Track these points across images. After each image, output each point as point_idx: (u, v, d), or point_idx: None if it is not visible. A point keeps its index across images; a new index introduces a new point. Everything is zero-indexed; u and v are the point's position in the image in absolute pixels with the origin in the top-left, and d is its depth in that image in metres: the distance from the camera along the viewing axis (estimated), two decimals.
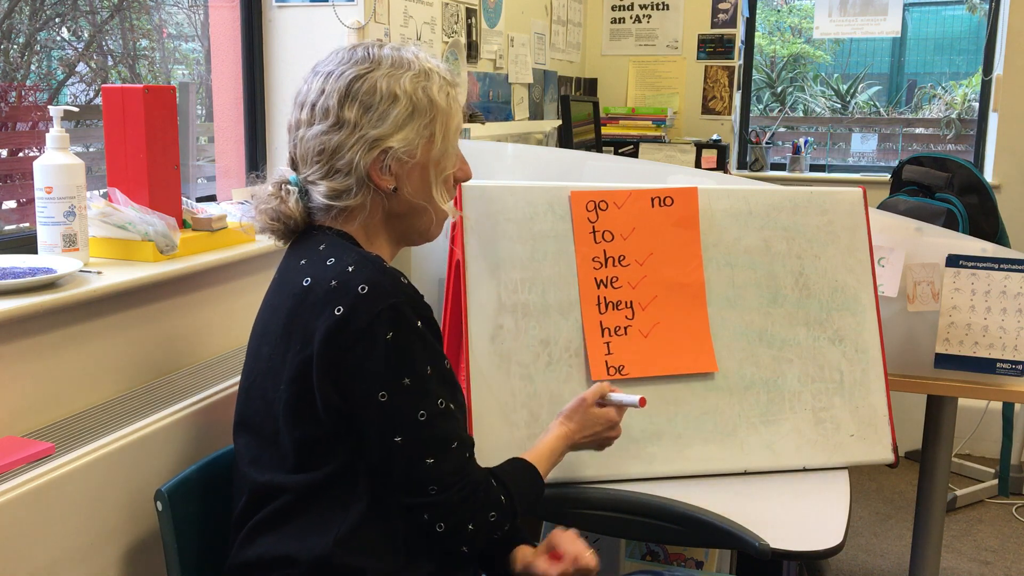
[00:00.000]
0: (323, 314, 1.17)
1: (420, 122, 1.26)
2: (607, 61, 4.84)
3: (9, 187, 2.02)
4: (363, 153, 1.24)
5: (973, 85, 6.35)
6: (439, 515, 1.21)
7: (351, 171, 1.25)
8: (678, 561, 2.18)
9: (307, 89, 1.28)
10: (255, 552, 1.25)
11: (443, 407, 1.20)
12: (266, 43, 2.54)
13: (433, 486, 1.19)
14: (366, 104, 1.24)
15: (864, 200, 1.81)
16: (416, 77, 1.26)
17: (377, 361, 1.15)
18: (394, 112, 1.24)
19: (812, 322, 1.74)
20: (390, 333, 1.15)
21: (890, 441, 1.73)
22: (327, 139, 1.25)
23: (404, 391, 1.17)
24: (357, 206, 1.27)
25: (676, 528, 1.52)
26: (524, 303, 1.65)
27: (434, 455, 1.19)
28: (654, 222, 1.72)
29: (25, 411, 1.39)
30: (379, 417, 1.17)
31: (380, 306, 1.15)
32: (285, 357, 1.21)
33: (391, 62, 1.26)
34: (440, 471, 1.19)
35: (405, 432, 1.17)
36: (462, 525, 1.22)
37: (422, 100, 1.26)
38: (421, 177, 1.29)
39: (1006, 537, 3.04)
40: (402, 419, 1.17)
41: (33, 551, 1.21)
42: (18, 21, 2.03)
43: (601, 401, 1.46)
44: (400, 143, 1.25)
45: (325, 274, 1.20)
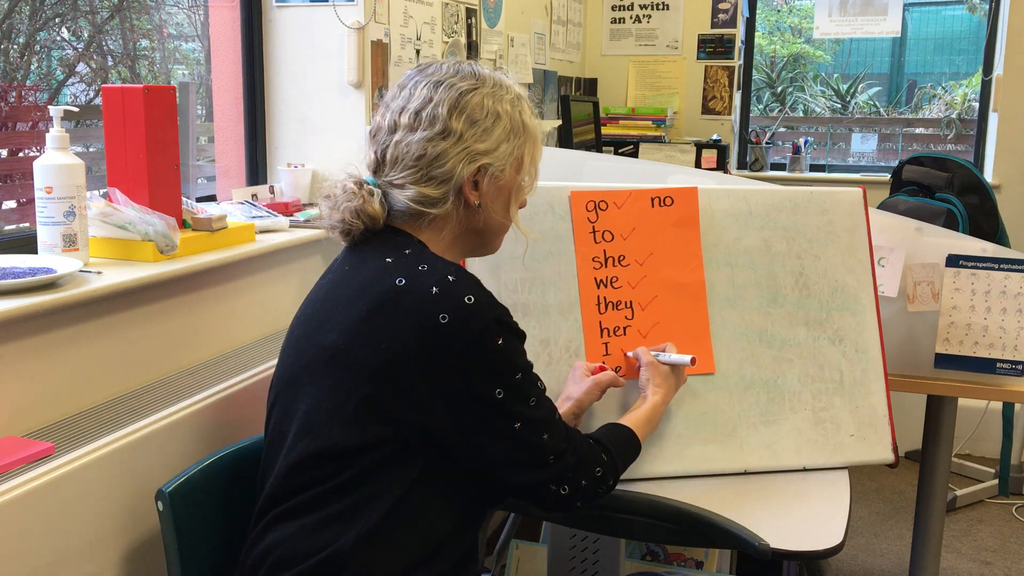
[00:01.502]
0: (423, 319, 1.20)
1: (514, 144, 1.32)
2: (607, 61, 4.84)
3: (9, 187, 2.02)
4: (464, 165, 1.28)
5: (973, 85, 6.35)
6: (562, 480, 1.30)
7: (447, 180, 1.28)
8: (678, 561, 2.18)
9: (408, 95, 1.31)
10: (275, 538, 1.25)
11: (542, 388, 1.31)
12: (266, 43, 2.54)
13: (551, 455, 1.28)
14: (472, 119, 1.28)
15: (864, 200, 1.81)
16: (514, 100, 1.33)
17: (491, 365, 1.23)
18: (497, 131, 1.30)
19: (812, 322, 1.74)
20: (500, 339, 1.23)
21: (890, 441, 1.73)
22: (431, 146, 1.27)
23: (517, 385, 1.25)
24: (441, 216, 1.31)
25: (676, 528, 1.52)
26: (524, 303, 1.65)
27: (547, 431, 1.29)
28: (654, 222, 1.72)
29: (25, 411, 1.39)
30: (498, 412, 1.24)
31: (489, 317, 1.22)
32: (363, 350, 1.21)
33: (493, 82, 1.32)
34: (554, 442, 1.29)
35: (524, 419, 1.26)
36: (578, 483, 1.32)
37: (518, 123, 1.32)
38: (503, 197, 1.34)
39: (1006, 537, 3.05)
40: (520, 409, 1.25)
41: (33, 551, 1.21)
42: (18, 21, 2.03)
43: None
44: (496, 161, 1.30)
45: (421, 279, 1.22)
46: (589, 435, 1.40)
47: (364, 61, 2.49)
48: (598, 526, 1.64)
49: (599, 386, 1.53)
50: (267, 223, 2.07)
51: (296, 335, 1.33)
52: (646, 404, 1.53)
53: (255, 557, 1.26)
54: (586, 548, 2.10)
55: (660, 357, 1.58)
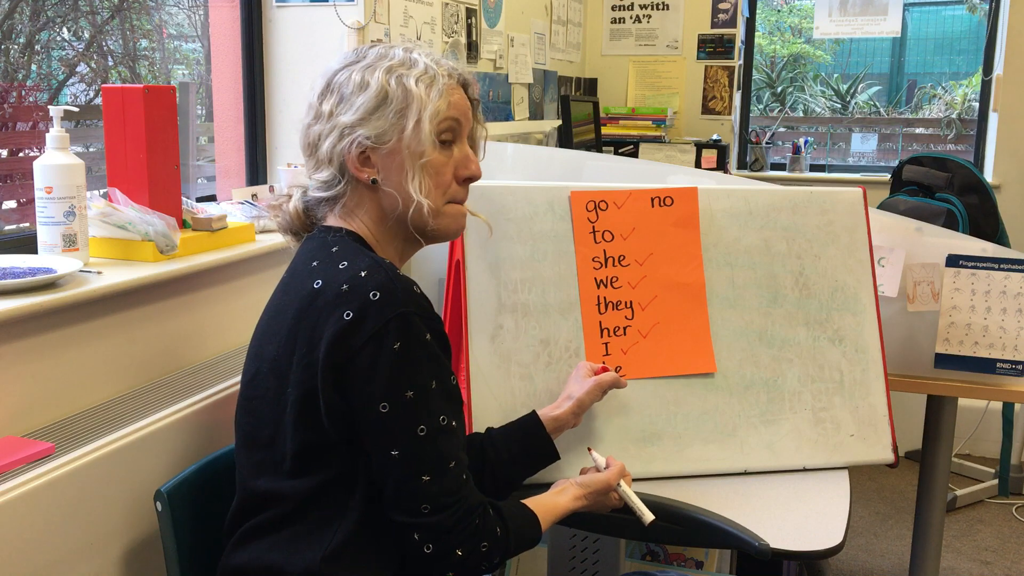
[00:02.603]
0: (332, 317, 1.16)
1: (390, 109, 1.24)
2: (607, 61, 4.84)
3: (9, 187, 2.02)
4: (335, 140, 1.26)
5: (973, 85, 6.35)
6: (429, 536, 1.17)
7: (330, 160, 1.27)
8: (678, 561, 2.18)
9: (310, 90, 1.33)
10: (245, 557, 1.24)
11: (444, 424, 1.17)
12: (266, 43, 2.54)
13: (426, 505, 1.16)
14: (340, 95, 1.27)
15: (864, 200, 1.81)
16: (393, 67, 1.25)
17: (381, 371, 1.13)
18: (361, 100, 1.24)
19: (812, 322, 1.74)
20: (398, 343, 1.13)
21: (890, 441, 1.73)
22: (309, 132, 1.29)
23: (406, 404, 1.14)
24: (349, 200, 1.29)
25: (676, 528, 1.52)
26: (524, 303, 1.65)
27: (430, 473, 1.16)
28: (654, 222, 1.72)
29: (25, 411, 1.39)
30: (378, 428, 1.15)
31: (390, 314, 1.14)
32: (291, 359, 1.20)
33: (376, 55, 1.28)
34: (435, 490, 1.16)
35: (403, 446, 1.15)
36: (451, 549, 1.17)
37: (394, 89, 1.24)
38: (398, 167, 1.25)
39: (1006, 537, 3.05)
40: (401, 433, 1.15)
41: (33, 551, 1.21)
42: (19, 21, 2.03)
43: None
44: (370, 130, 1.24)
45: (336, 277, 1.19)
46: (492, 503, 1.25)
47: None
48: (598, 526, 1.64)
49: (601, 387, 1.52)
50: (267, 223, 2.07)
51: (250, 349, 1.33)
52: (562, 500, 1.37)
53: (229, 573, 1.26)
54: (586, 548, 2.10)
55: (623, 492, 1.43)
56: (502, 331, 1.64)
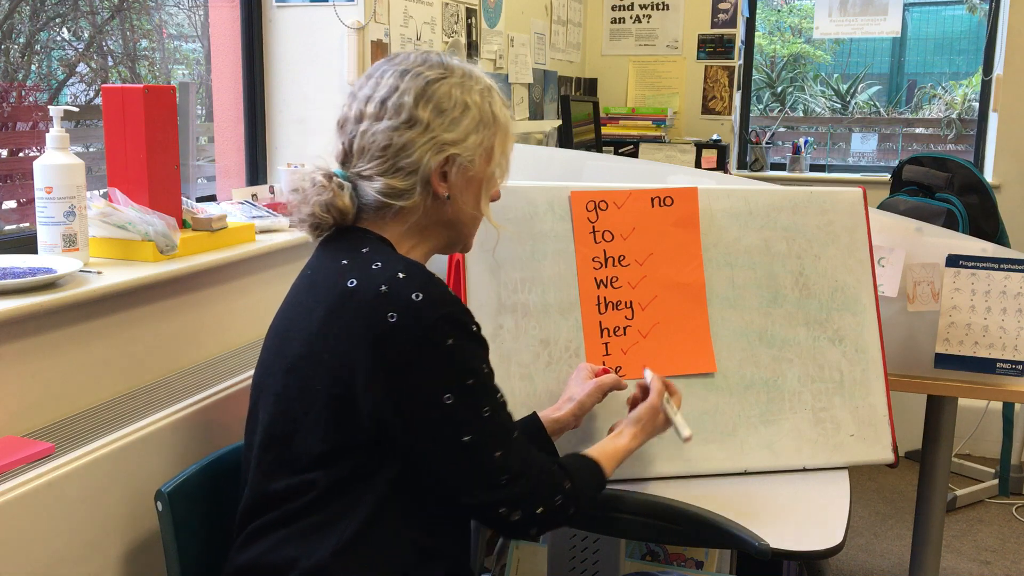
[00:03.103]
0: (373, 319, 1.16)
1: (484, 135, 1.29)
2: (607, 61, 4.84)
3: (9, 187, 2.02)
4: (431, 155, 1.25)
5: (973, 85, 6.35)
6: (514, 505, 1.22)
7: (414, 171, 1.25)
8: (678, 561, 2.18)
9: (375, 84, 1.28)
10: (254, 553, 1.24)
11: (501, 400, 1.24)
12: (266, 43, 2.54)
13: (504, 476, 1.21)
14: (440, 108, 1.25)
15: (864, 200, 1.81)
16: (483, 91, 1.30)
17: (439, 366, 1.17)
18: (465, 121, 1.26)
19: (812, 322, 1.74)
20: (450, 339, 1.17)
21: (890, 441, 1.73)
22: (396, 135, 1.24)
23: (469, 391, 1.18)
24: (409, 208, 1.27)
25: (676, 528, 1.52)
26: (524, 303, 1.65)
27: (501, 447, 1.21)
28: (654, 222, 1.72)
29: (25, 411, 1.39)
30: (446, 419, 1.18)
31: (437, 314, 1.17)
32: (321, 357, 1.20)
33: (462, 73, 1.29)
34: (508, 462, 1.21)
35: (474, 431, 1.19)
36: (533, 510, 1.23)
37: (488, 114, 1.29)
38: (473, 189, 1.30)
39: (1006, 537, 3.05)
40: (470, 418, 1.19)
41: (33, 551, 1.21)
42: (19, 21, 2.03)
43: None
44: (465, 152, 1.27)
45: (373, 278, 1.19)
46: (554, 459, 1.32)
47: (364, 61, 2.49)
48: (598, 526, 1.64)
49: (601, 389, 1.52)
50: (267, 223, 2.07)
51: (267, 345, 1.32)
52: (623, 442, 1.44)
53: (238, 570, 1.25)
54: (586, 548, 2.10)
55: (666, 407, 1.50)
56: (502, 331, 1.64)
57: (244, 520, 1.27)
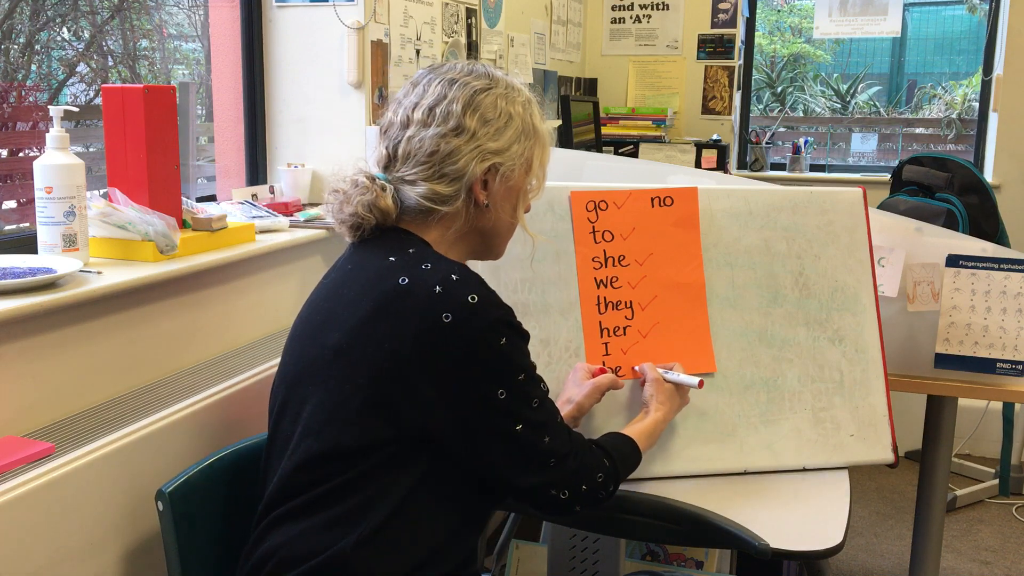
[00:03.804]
0: (428, 318, 1.19)
1: (525, 145, 1.32)
2: (607, 61, 4.84)
3: (9, 187, 2.02)
4: (476, 163, 1.28)
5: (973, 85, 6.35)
6: (562, 484, 1.29)
7: (459, 178, 1.28)
8: (678, 561, 2.18)
9: (422, 91, 1.31)
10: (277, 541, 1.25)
11: (545, 389, 1.30)
12: (266, 43, 2.54)
13: (552, 458, 1.28)
14: (485, 118, 1.29)
15: (864, 200, 1.81)
16: (525, 103, 1.34)
17: (494, 365, 1.22)
18: (509, 132, 1.30)
19: (812, 322, 1.74)
20: (503, 339, 1.22)
21: (890, 441, 1.73)
22: (444, 142, 1.27)
23: (520, 386, 1.25)
24: (451, 214, 1.30)
25: (676, 528, 1.52)
26: (524, 303, 1.65)
27: (549, 433, 1.28)
28: (654, 222, 1.72)
29: (25, 411, 1.39)
30: (500, 413, 1.23)
31: (491, 317, 1.22)
32: (365, 350, 1.21)
33: (506, 84, 1.33)
34: (555, 445, 1.28)
35: (525, 420, 1.25)
36: (578, 487, 1.31)
37: (529, 125, 1.33)
38: (511, 199, 1.34)
39: (1006, 537, 3.05)
40: (522, 410, 1.25)
41: (33, 551, 1.21)
42: (19, 21, 2.03)
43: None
44: (507, 161, 1.30)
45: (426, 278, 1.22)
46: (592, 440, 1.39)
47: (364, 61, 2.49)
48: (598, 526, 1.64)
49: (599, 389, 1.53)
50: (267, 223, 2.07)
51: (299, 335, 1.33)
52: (648, 418, 1.51)
53: (257, 558, 1.26)
54: (586, 548, 2.10)
55: (667, 376, 1.57)
56: None
57: (269, 507, 1.28)
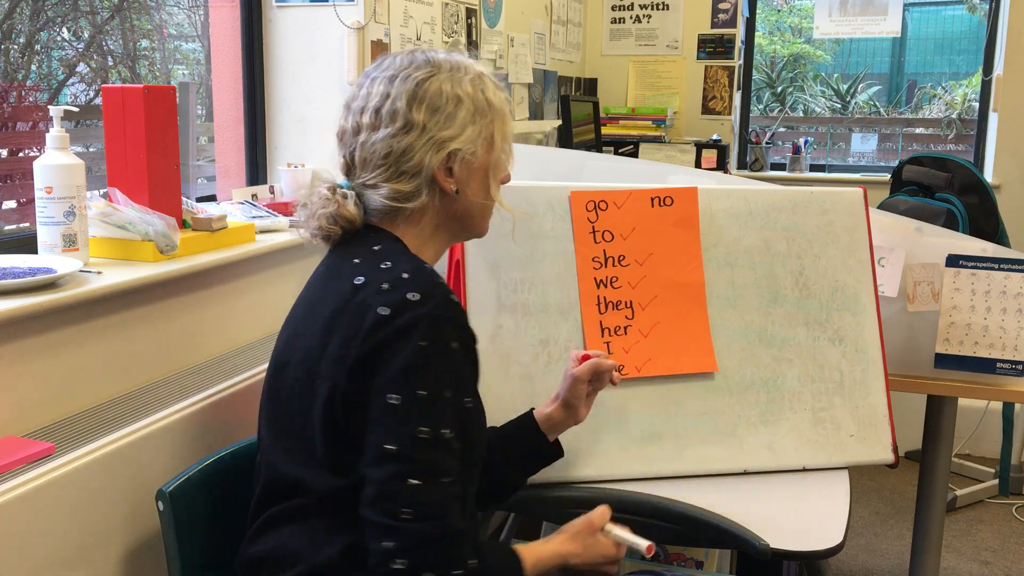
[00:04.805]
0: (370, 312, 1.17)
1: (482, 123, 1.29)
2: (607, 61, 4.84)
3: (9, 187, 2.02)
4: (432, 155, 1.25)
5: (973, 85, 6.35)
6: (404, 545, 1.11)
7: (418, 173, 1.26)
8: (678, 561, 2.18)
9: (367, 94, 1.29)
10: (269, 545, 1.24)
11: (449, 437, 1.15)
12: (266, 43, 2.54)
13: (408, 510, 1.11)
14: (433, 106, 1.25)
15: (864, 200, 1.81)
16: (474, 80, 1.29)
17: (401, 362, 1.15)
18: (460, 114, 1.27)
19: (812, 322, 1.74)
20: (424, 341, 1.15)
21: (890, 441, 1.73)
22: (395, 142, 1.25)
23: (416, 402, 1.14)
24: (418, 209, 1.28)
25: (676, 528, 1.52)
26: (524, 303, 1.65)
27: (421, 478, 1.12)
28: (654, 222, 1.72)
29: (25, 411, 1.39)
30: (383, 418, 1.14)
31: (422, 314, 1.16)
32: (324, 352, 1.20)
33: (450, 66, 1.29)
34: (422, 498, 1.12)
35: (401, 443, 1.13)
36: (422, 567, 1.11)
37: (482, 102, 1.29)
38: (481, 178, 1.31)
39: (1006, 537, 3.04)
40: (403, 429, 1.13)
41: (33, 551, 1.21)
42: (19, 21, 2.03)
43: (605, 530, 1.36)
44: (465, 144, 1.27)
45: (379, 276, 1.20)
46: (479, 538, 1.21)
47: (364, 61, 2.49)
48: None
49: (579, 379, 1.46)
50: (267, 223, 2.07)
51: (281, 338, 1.33)
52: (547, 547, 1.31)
53: (251, 560, 1.26)
54: None
55: (614, 533, 1.35)
56: (502, 331, 1.64)
57: (260, 507, 1.28)
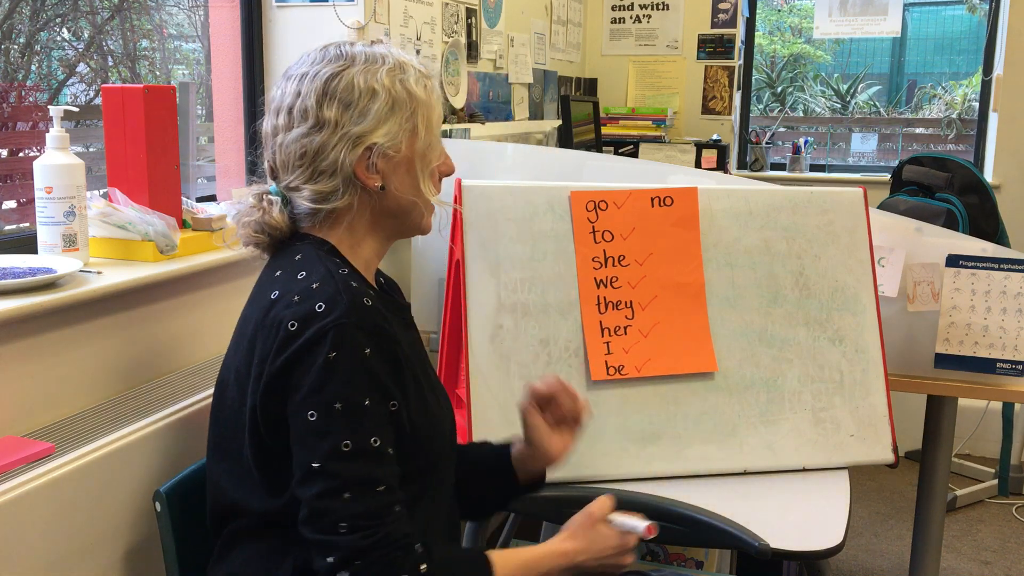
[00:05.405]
0: (281, 327, 1.14)
1: (402, 115, 1.22)
2: (607, 61, 4.84)
3: (9, 187, 2.02)
4: (347, 151, 1.20)
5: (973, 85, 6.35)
6: (344, 557, 1.08)
7: (336, 171, 1.21)
8: (678, 561, 2.18)
9: (281, 94, 1.25)
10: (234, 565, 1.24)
11: (376, 446, 1.12)
12: (266, 43, 2.54)
13: (344, 524, 1.08)
14: (345, 102, 1.20)
15: (864, 200, 1.81)
16: (392, 71, 1.22)
17: (312, 378, 1.11)
18: (374, 107, 1.20)
19: (812, 322, 1.74)
20: (333, 352, 1.10)
21: (890, 441, 1.73)
22: (308, 141, 1.21)
23: (333, 415, 1.10)
24: (344, 208, 1.24)
25: (676, 528, 1.52)
26: (524, 303, 1.65)
27: (352, 491, 1.09)
28: (654, 222, 1.72)
29: (25, 411, 1.39)
30: (304, 436, 1.11)
31: (329, 325, 1.11)
32: (249, 371, 1.18)
33: (365, 58, 1.23)
34: (355, 510, 1.09)
35: (325, 459, 1.10)
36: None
37: (401, 93, 1.22)
38: (408, 172, 1.25)
39: (1006, 537, 3.04)
40: (325, 444, 1.10)
41: (33, 551, 1.21)
42: (19, 21, 2.03)
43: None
44: (384, 138, 1.21)
45: (291, 288, 1.17)
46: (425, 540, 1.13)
47: None
48: None
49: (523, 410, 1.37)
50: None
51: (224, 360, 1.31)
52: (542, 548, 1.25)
53: None
54: None
55: (614, 520, 1.29)
56: (502, 331, 1.64)
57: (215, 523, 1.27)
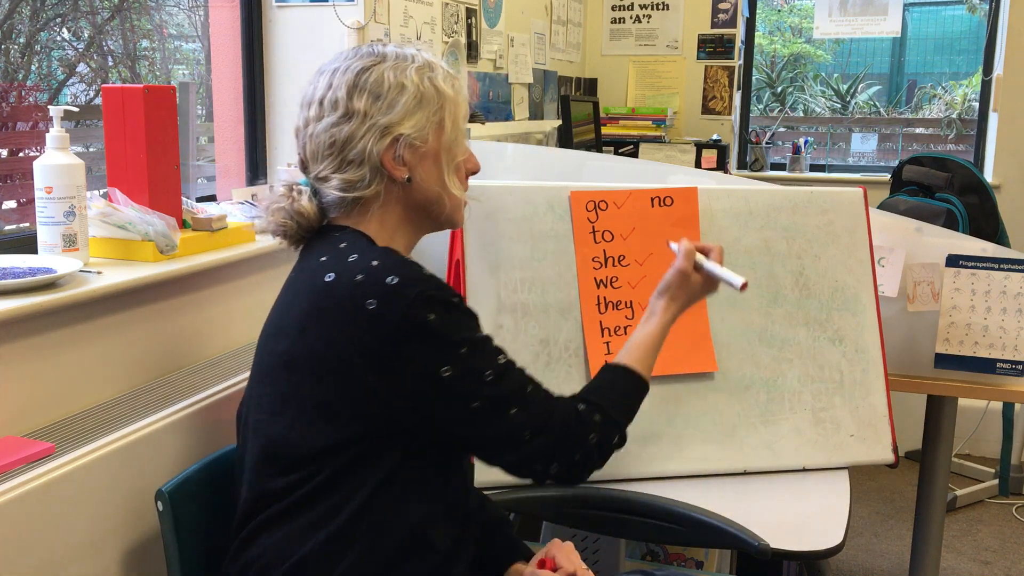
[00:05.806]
0: (354, 308, 1.17)
1: (429, 109, 1.28)
2: (607, 61, 4.84)
3: (9, 187, 2.02)
4: (375, 141, 1.25)
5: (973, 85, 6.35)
6: (546, 457, 1.23)
7: (364, 160, 1.26)
8: (678, 561, 2.18)
9: (313, 89, 1.31)
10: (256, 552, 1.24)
11: (504, 362, 1.23)
12: (266, 43, 2.54)
13: (526, 431, 1.21)
14: (375, 94, 1.26)
15: (864, 200, 1.81)
16: (421, 68, 1.29)
17: (428, 343, 1.17)
18: (403, 100, 1.26)
19: (812, 322, 1.74)
20: (431, 315, 1.17)
21: (890, 441, 1.73)
22: (337, 131, 1.26)
23: (464, 359, 1.19)
24: (372, 196, 1.28)
25: (676, 528, 1.52)
26: (524, 303, 1.65)
27: (516, 404, 1.22)
28: (654, 222, 1.72)
29: (25, 411, 1.39)
30: (449, 392, 1.19)
31: (412, 294, 1.17)
32: (308, 355, 1.20)
33: (395, 56, 1.30)
34: (526, 416, 1.22)
35: (480, 395, 1.20)
36: (569, 458, 1.24)
37: (429, 89, 1.28)
38: (434, 164, 1.30)
39: (1006, 537, 3.05)
40: (473, 384, 1.19)
41: (33, 551, 1.21)
42: (19, 21, 2.03)
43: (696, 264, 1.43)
44: (411, 129, 1.26)
45: (349, 269, 1.20)
46: (580, 396, 1.32)
47: None
48: (598, 526, 1.64)
49: None
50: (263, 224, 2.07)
51: (258, 347, 1.32)
52: (649, 326, 1.41)
53: (238, 570, 1.26)
54: (586, 548, 2.10)
55: (705, 264, 1.42)
56: (502, 331, 1.64)
57: (243, 521, 1.28)
